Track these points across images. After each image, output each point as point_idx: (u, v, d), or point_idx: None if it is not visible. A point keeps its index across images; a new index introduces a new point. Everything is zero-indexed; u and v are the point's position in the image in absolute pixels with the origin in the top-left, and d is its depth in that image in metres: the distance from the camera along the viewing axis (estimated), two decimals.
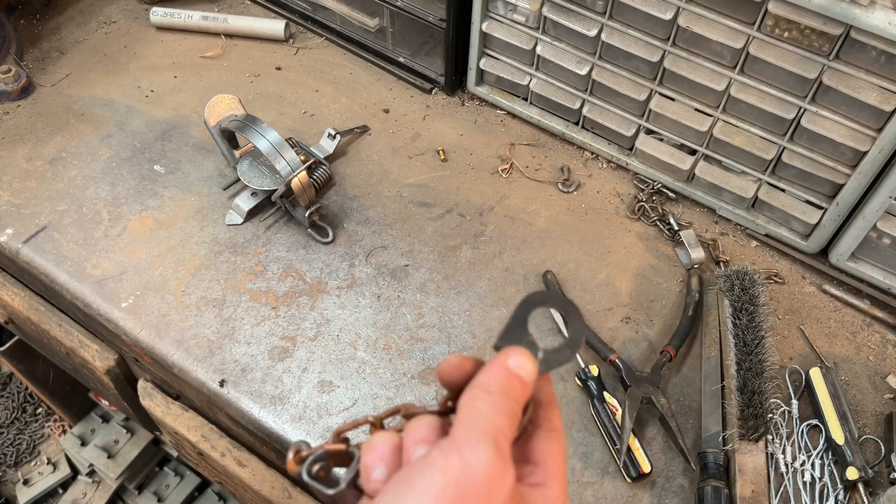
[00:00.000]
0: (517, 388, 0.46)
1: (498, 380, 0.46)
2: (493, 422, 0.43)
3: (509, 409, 0.45)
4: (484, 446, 0.41)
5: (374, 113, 1.30)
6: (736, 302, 1.01)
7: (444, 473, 0.40)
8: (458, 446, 0.41)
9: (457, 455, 0.41)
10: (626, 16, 1.07)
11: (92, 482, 2.11)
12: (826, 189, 1.08)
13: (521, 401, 0.47)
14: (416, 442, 0.46)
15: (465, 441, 0.41)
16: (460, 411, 0.45)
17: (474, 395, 0.45)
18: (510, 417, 0.45)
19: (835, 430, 0.94)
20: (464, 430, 0.42)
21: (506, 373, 0.47)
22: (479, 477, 0.40)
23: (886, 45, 0.89)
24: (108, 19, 1.42)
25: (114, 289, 1.06)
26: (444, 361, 0.49)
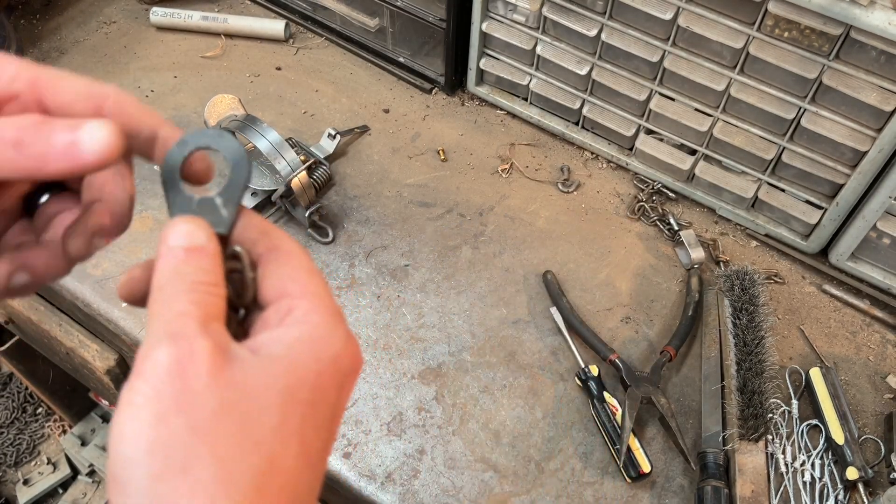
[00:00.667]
0: (192, 258, 0.40)
1: (165, 269, 0.40)
2: (165, 314, 0.38)
3: (185, 286, 0.39)
4: (155, 349, 0.36)
5: (374, 113, 1.30)
6: (736, 302, 1.01)
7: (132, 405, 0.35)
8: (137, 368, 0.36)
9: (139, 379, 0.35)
10: (626, 16, 1.07)
11: (92, 482, 2.11)
12: (826, 189, 1.08)
13: (208, 265, 0.40)
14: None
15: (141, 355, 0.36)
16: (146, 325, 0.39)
17: (150, 300, 0.39)
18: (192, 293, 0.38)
19: (835, 430, 0.94)
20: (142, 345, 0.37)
21: (170, 255, 0.40)
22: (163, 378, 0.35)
23: (886, 45, 0.89)
24: (108, 19, 1.42)
25: (114, 289, 1.06)
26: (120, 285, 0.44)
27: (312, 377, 0.38)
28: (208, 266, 0.40)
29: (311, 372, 0.39)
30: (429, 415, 0.97)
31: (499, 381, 1.00)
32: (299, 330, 0.40)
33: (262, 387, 0.37)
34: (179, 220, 0.41)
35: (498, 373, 1.01)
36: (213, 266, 0.40)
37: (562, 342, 1.04)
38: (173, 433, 0.34)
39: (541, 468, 0.93)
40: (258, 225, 0.44)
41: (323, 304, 0.41)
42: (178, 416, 0.34)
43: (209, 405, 0.35)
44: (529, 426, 0.97)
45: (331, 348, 0.40)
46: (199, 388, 0.35)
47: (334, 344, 0.40)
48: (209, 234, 0.41)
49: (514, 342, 1.04)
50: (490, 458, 0.94)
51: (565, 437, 0.96)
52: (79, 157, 0.39)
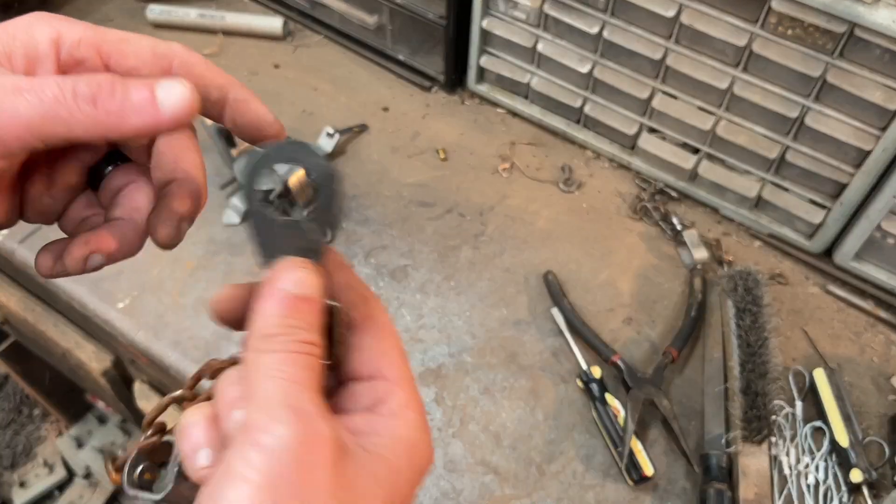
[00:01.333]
0: (302, 311, 0.38)
1: (273, 316, 0.38)
2: (285, 378, 0.36)
3: (300, 345, 0.37)
4: (281, 424, 0.34)
5: (374, 111, 1.29)
6: (739, 303, 1.00)
7: (247, 482, 0.33)
8: (252, 436, 0.34)
9: (254, 450, 0.34)
10: (629, 13, 1.06)
11: (89, 484, 2.10)
12: (830, 188, 1.07)
13: (315, 323, 0.38)
14: (229, 407, 0.38)
15: (258, 425, 0.34)
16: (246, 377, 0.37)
17: (255, 349, 0.37)
18: (306, 356, 0.37)
19: (839, 431, 0.93)
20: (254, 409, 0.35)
21: (282, 302, 0.38)
22: (290, 464, 0.34)
23: (891, 42, 0.88)
24: (105, 17, 1.41)
25: (110, 289, 1.05)
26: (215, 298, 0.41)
27: (407, 485, 0.39)
28: (315, 322, 0.38)
29: (407, 480, 0.39)
30: (428, 416, 0.96)
31: (499, 383, 0.99)
32: (398, 428, 0.39)
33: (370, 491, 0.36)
34: (293, 265, 0.39)
35: (498, 374, 1.00)
36: (319, 322, 0.39)
37: (563, 343, 1.03)
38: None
39: (542, 471, 0.92)
40: (358, 288, 0.43)
41: (415, 397, 0.40)
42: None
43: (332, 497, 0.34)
44: (530, 428, 0.96)
45: (423, 456, 0.40)
46: (319, 482, 0.34)
47: (425, 451, 0.40)
48: (319, 285, 0.39)
49: (515, 343, 1.03)
50: (490, 461, 0.93)
51: (567, 439, 0.95)
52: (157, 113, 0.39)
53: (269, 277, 0.39)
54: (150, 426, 0.44)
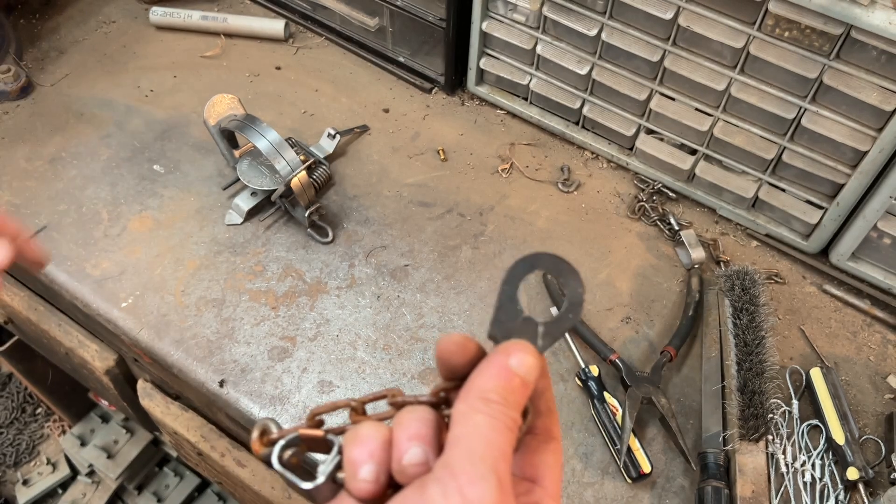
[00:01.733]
0: (518, 392, 0.41)
1: (497, 384, 0.41)
2: (494, 444, 0.39)
3: (510, 420, 0.40)
4: (486, 482, 0.37)
5: (374, 112, 1.30)
6: (736, 302, 1.00)
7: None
8: (459, 481, 0.37)
9: (457, 493, 0.37)
10: (627, 15, 1.07)
11: (91, 482, 2.11)
12: (826, 189, 1.08)
13: (522, 405, 0.42)
14: (410, 438, 0.41)
15: (465, 473, 0.37)
16: (455, 424, 0.40)
17: (472, 406, 0.40)
18: (511, 431, 0.40)
19: (835, 430, 0.94)
20: (462, 458, 0.38)
21: (507, 375, 0.41)
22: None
23: (887, 44, 0.89)
24: (107, 19, 1.42)
25: (113, 289, 1.06)
26: (447, 339, 0.44)
27: None
28: (522, 405, 0.42)
29: None
30: None
31: None
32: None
33: None
34: (526, 349, 0.43)
35: None
36: (525, 402, 0.42)
37: (562, 342, 1.04)
38: None
39: None
40: (549, 399, 0.46)
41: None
42: None
43: None
44: None
45: None
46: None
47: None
48: (536, 376, 0.43)
49: None
50: None
51: (565, 437, 0.96)
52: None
53: (501, 348, 0.43)
54: (313, 419, 0.46)
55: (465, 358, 0.43)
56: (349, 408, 0.47)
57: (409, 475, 0.40)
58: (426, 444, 0.41)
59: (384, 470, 0.41)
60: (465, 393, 0.41)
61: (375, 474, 0.41)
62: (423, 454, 0.41)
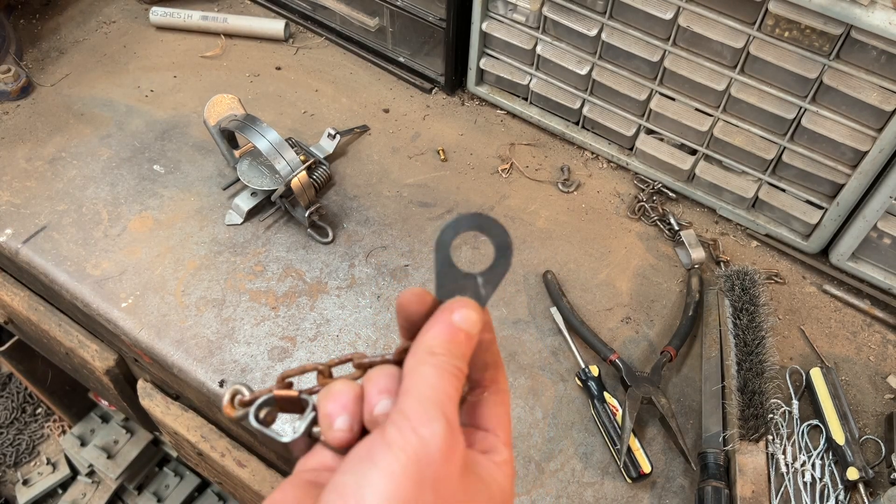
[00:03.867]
0: (462, 344, 0.45)
1: (442, 338, 0.45)
2: (440, 389, 0.43)
3: (455, 369, 0.44)
4: (436, 422, 0.41)
5: (374, 113, 1.30)
6: (736, 302, 1.00)
7: (404, 451, 0.40)
8: (412, 422, 0.41)
9: (411, 432, 0.40)
10: (627, 15, 1.07)
11: (91, 482, 2.11)
12: (826, 189, 1.08)
13: (467, 357, 0.45)
14: (380, 391, 0.45)
15: (417, 416, 0.41)
16: (407, 377, 0.43)
17: (420, 360, 0.44)
18: (457, 379, 0.44)
19: (835, 430, 0.94)
20: (413, 403, 0.42)
21: (450, 329, 0.45)
22: (435, 453, 0.40)
23: (887, 44, 0.89)
24: (107, 19, 1.42)
25: (113, 289, 1.06)
26: (407, 290, 0.47)
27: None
28: (468, 355, 0.46)
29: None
30: None
31: None
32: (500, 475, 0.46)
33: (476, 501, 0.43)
34: (469, 304, 0.46)
35: None
36: (470, 354, 0.46)
37: (562, 342, 1.04)
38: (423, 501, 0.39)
39: (541, 468, 0.93)
40: (494, 352, 0.50)
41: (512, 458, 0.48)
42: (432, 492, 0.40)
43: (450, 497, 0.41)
44: (529, 426, 0.97)
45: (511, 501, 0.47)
46: (451, 479, 0.41)
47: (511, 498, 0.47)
48: (479, 328, 0.46)
49: (515, 342, 1.04)
50: None
51: (565, 437, 0.96)
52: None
53: (445, 306, 0.46)
54: (283, 381, 0.49)
55: (422, 307, 0.47)
56: (317, 371, 0.50)
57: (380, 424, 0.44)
58: (394, 396, 0.44)
59: (357, 420, 0.45)
60: (414, 349, 0.45)
61: (349, 424, 0.45)
62: (391, 405, 0.44)
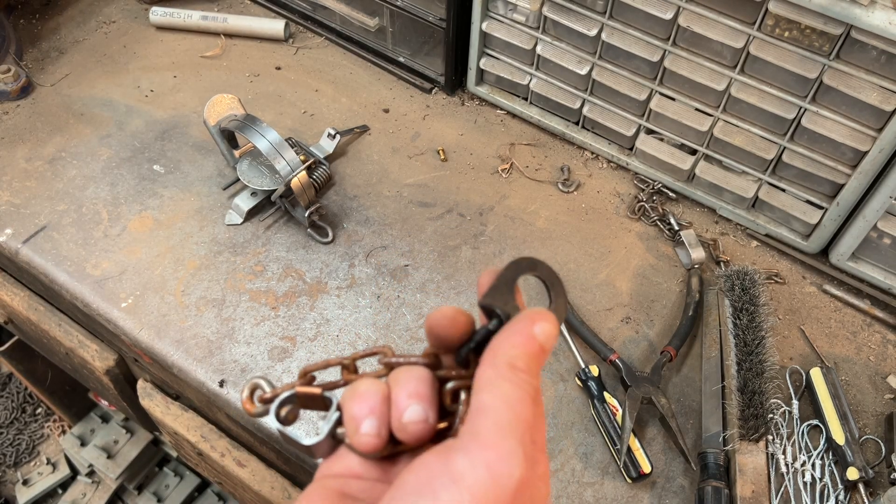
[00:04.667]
0: (540, 363, 0.40)
1: (524, 351, 0.39)
2: (521, 416, 0.37)
3: (534, 391, 0.39)
4: (514, 457, 0.36)
5: (374, 113, 1.30)
6: (736, 302, 1.00)
7: (471, 492, 0.35)
8: (486, 454, 0.36)
9: (484, 467, 0.35)
10: (627, 15, 1.07)
11: (91, 482, 2.11)
12: (826, 189, 1.08)
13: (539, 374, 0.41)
14: (409, 395, 0.41)
15: (494, 446, 0.36)
16: (482, 391, 0.38)
17: (500, 374, 0.38)
18: (536, 403, 0.39)
19: (835, 430, 0.94)
20: (491, 429, 0.37)
21: (532, 342, 0.40)
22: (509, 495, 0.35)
23: (887, 44, 0.89)
24: (107, 19, 1.42)
25: (113, 289, 1.06)
26: (438, 312, 0.43)
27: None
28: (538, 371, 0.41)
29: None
30: None
31: None
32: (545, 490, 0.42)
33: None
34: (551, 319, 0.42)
35: None
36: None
37: (562, 342, 1.04)
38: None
39: None
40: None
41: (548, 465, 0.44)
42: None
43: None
44: None
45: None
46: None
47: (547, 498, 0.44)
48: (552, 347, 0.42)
49: None
50: None
51: (565, 437, 0.96)
52: None
53: (525, 314, 0.41)
54: (305, 376, 0.46)
55: (456, 331, 0.43)
56: (341, 365, 0.47)
57: (410, 432, 0.41)
58: (425, 402, 0.41)
59: (384, 424, 0.41)
60: (492, 357, 0.40)
61: (377, 428, 0.41)
62: (422, 412, 0.41)
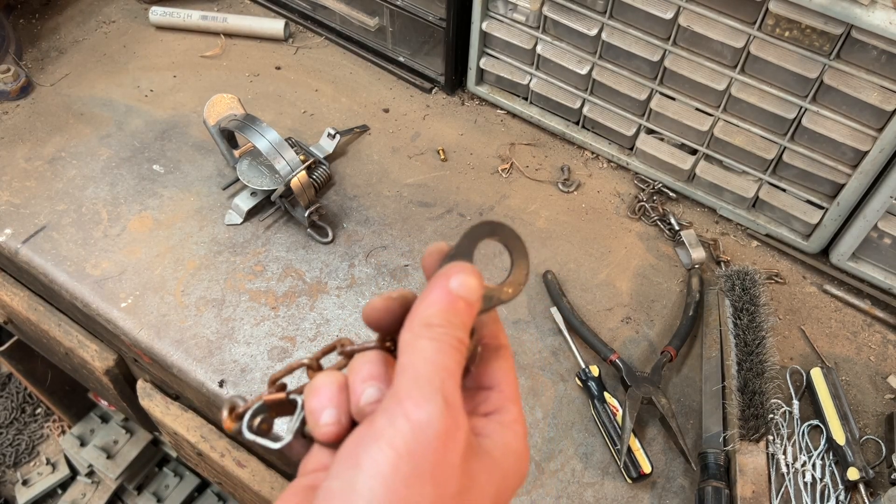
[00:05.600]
0: (462, 313, 0.41)
1: (439, 308, 0.40)
2: (439, 364, 0.38)
3: (455, 341, 0.39)
4: (432, 403, 0.36)
5: (374, 112, 1.30)
6: (737, 302, 1.00)
7: (392, 446, 0.35)
8: (404, 407, 0.36)
9: (404, 419, 0.36)
10: (627, 15, 1.07)
11: (91, 482, 2.11)
12: (827, 189, 1.08)
13: (468, 326, 0.41)
14: (364, 380, 0.42)
15: (411, 398, 0.37)
16: (402, 354, 0.39)
17: (416, 333, 0.40)
18: (457, 352, 0.39)
19: (836, 430, 0.94)
20: (408, 383, 0.37)
21: (448, 297, 0.41)
22: (432, 441, 0.36)
23: (887, 44, 0.89)
24: (107, 19, 1.42)
25: (113, 289, 1.06)
26: (367, 306, 0.44)
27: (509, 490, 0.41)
28: (468, 325, 0.41)
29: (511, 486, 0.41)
30: None
31: None
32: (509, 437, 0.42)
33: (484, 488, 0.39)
34: (467, 270, 0.42)
35: None
36: (471, 324, 0.42)
37: (562, 342, 1.04)
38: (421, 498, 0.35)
39: (541, 469, 0.93)
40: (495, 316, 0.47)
41: (523, 417, 0.44)
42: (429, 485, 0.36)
43: (451, 487, 0.36)
44: (530, 427, 0.96)
45: (524, 467, 0.43)
46: (451, 467, 0.37)
47: (526, 464, 0.43)
48: (479, 295, 0.43)
49: (515, 342, 1.04)
50: None
51: (566, 437, 0.96)
52: None
53: (441, 272, 0.42)
54: (274, 384, 0.47)
55: (391, 316, 0.44)
56: (304, 366, 0.47)
57: (368, 414, 0.41)
58: (379, 382, 0.42)
59: (345, 412, 0.42)
60: (409, 322, 0.41)
61: (336, 417, 0.42)
62: (378, 392, 0.41)
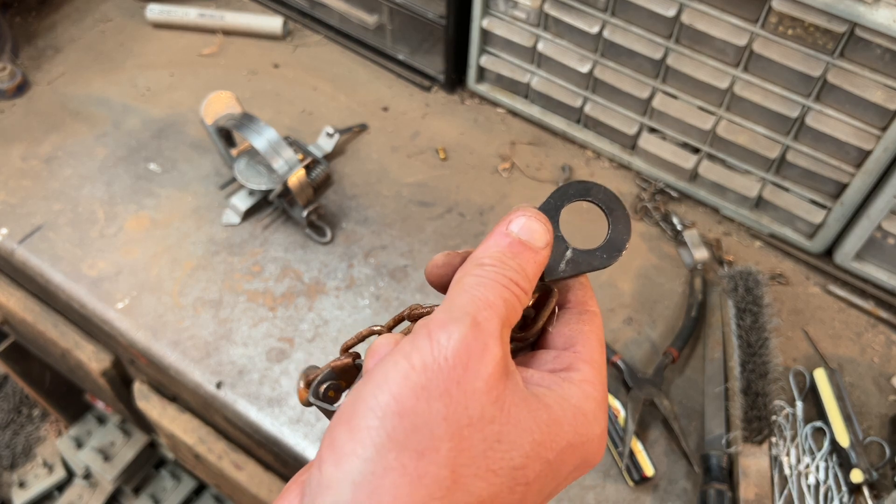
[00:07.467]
0: (520, 256, 0.39)
1: (495, 249, 0.39)
2: (478, 296, 0.36)
3: (505, 280, 0.37)
4: (457, 323, 0.34)
5: (373, 111, 1.29)
6: (740, 303, 1.00)
7: (407, 358, 0.34)
8: (429, 327, 0.35)
9: (426, 338, 0.34)
10: (629, 13, 1.06)
11: (88, 485, 2.10)
12: (830, 188, 1.07)
13: (529, 272, 0.39)
14: None
15: (437, 320, 0.35)
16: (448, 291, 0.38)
17: (464, 272, 0.38)
18: (506, 289, 0.37)
19: (839, 432, 0.93)
20: (441, 310, 0.36)
21: (505, 239, 0.39)
22: (451, 357, 0.34)
23: (891, 42, 0.88)
24: (104, 17, 1.41)
25: (109, 289, 1.05)
26: (430, 263, 0.43)
27: (563, 444, 0.37)
28: (530, 272, 0.39)
29: (565, 440, 0.37)
30: None
31: None
32: (572, 391, 0.38)
33: (521, 424, 0.35)
34: (530, 213, 0.40)
35: None
36: (533, 275, 0.39)
37: None
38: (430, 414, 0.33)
39: None
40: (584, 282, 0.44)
41: (601, 381, 0.40)
42: (441, 401, 0.33)
43: (471, 410, 0.34)
44: None
45: (590, 429, 0.38)
46: (471, 389, 0.34)
47: (595, 428, 0.38)
48: (548, 243, 0.41)
49: None
50: None
51: None
52: None
53: (506, 217, 0.40)
54: (345, 351, 0.47)
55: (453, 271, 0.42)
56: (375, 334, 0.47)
57: None
58: None
59: None
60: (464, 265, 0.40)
61: None
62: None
